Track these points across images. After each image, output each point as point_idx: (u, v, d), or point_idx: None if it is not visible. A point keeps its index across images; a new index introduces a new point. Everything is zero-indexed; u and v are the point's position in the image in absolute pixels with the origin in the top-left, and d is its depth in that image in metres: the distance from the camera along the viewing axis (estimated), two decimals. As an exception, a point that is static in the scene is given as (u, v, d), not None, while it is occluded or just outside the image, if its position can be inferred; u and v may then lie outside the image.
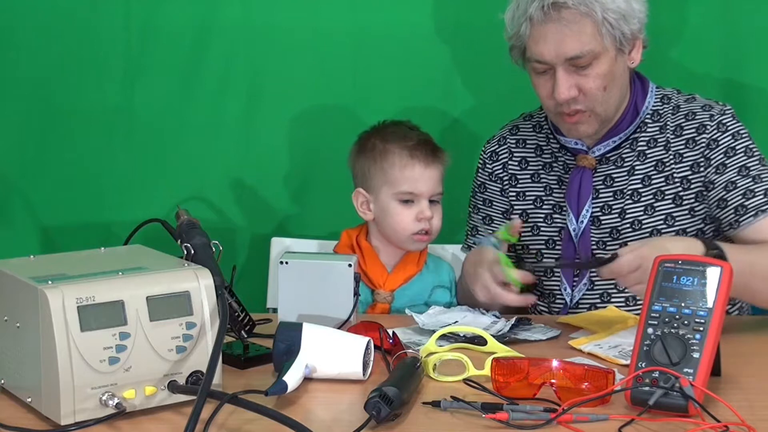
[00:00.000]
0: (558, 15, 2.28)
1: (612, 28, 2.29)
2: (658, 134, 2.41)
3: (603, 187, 2.43)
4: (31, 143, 2.95)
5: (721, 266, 1.78)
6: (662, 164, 2.40)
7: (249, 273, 2.90)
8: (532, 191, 2.51)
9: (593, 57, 2.29)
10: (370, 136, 2.52)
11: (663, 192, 2.39)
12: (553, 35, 2.29)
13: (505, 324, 2.16)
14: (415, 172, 2.45)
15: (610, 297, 2.43)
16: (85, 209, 2.96)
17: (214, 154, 2.96)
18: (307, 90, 2.95)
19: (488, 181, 2.57)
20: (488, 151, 2.58)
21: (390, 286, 2.47)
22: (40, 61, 2.91)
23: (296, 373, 1.78)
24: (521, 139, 2.55)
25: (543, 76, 2.35)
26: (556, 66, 2.30)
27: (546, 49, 2.30)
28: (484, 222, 2.58)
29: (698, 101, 2.44)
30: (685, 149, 2.39)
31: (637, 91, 2.43)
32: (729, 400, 1.70)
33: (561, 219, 2.46)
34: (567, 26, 2.28)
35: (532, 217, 2.51)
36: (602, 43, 2.29)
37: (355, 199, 2.51)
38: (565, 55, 2.29)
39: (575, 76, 2.31)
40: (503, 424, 1.66)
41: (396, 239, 2.48)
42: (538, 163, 2.52)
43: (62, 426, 1.63)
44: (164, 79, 2.93)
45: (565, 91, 2.30)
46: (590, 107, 2.34)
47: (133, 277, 1.72)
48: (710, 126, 2.38)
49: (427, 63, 2.93)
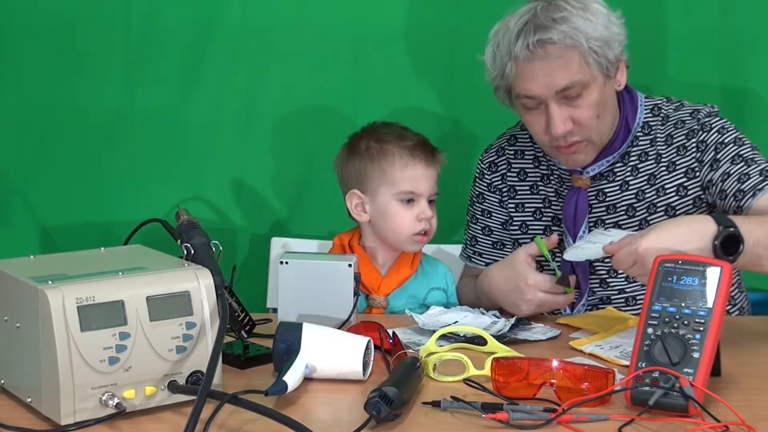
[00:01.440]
0: (544, 51, 2.25)
1: (597, 55, 2.27)
2: (649, 147, 2.40)
3: (596, 203, 2.43)
4: (30, 143, 2.95)
5: (721, 266, 1.78)
6: (654, 177, 2.39)
7: (249, 273, 2.90)
8: (531, 203, 2.51)
9: (583, 87, 2.28)
10: (361, 138, 2.51)
11: (655, 205, 2.39)
12: (541, 71, 2.27)
13: (505, 324, 2.16)
14: (417, 171, 2.44)
15: (610, 300, 2.43)
16: (85, 209, 2.96)
17: (214, 154, 2.96)
18: (306, 90, 2.95)
19: (486, 191, 2.56)
20: (486, 161, 2.57)
21: (384, 291, 2.46)
22: (40, 61, 2.91)
23: (296, 373, 1.78)
24: (519, 150, 2.54)
25: (534, 112, 2.33)
26: (547, 100, 2.28)
27: (535, 84, 2.28)
28: (483, 232, 2.57)
29: (686, 107, 2.43)
30: (678, 157, 2.38)
31: (626, 108, 2.41)
32: (729, 400, 1.70)
33: (559, 231, 2.45)
34: (554, 61, 2.26)
35: (531, 228, 2.50)
36: (590, 71, 2.28)
37: (348, 201, 2.49)
38: (556, 87, 2.27)
39: (568, 109, 2.29)
40: (503, 424, 1.66)
41: (395, 240, 2.47)
42: (537, 174, 2.51)
43: (62, 426, 1.63)
44: (164, 79, 2.93)
45: (560, 125, 2.29)
46: (586, 137, 2.33)
47: (133, 277, 1.72)
48: (696, 129, 2.38)
49: (427, 63, 2.94)
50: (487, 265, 2.52)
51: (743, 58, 2.89)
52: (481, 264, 2.57)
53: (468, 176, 2.64)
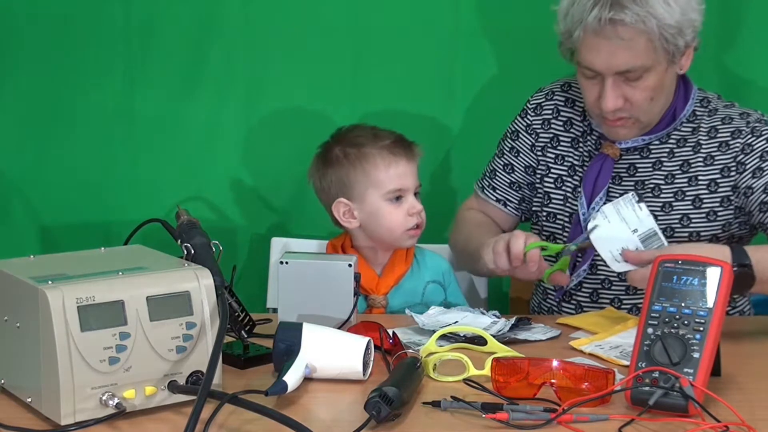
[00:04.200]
0: (614, 30, 2.22)
1: (666, 42, 2.24)
2: (690, 135, 2.39)
3: (626, 176, 2.41)
4: (31, 143, 2.95)
5: (721, 266, 1.78)
6: (688, 165, 2.38)
7: (249, 273, 2.90)
8: (570, 157, 2.48)
9: (644, 70, 2.26)
10: (334, 146, 2.48)
11: (684, 192, 2.38)
12: (605, 48, 2.24)
13: (505, 324, 2.16)
14: (400, 168, 2.44)
15: (611, 284, 2.42)
16: (85, 209, 2.96)
17: (214, 154, 2.96)
18: (306, 90, 2.95)
19: (523, 131, 2.53)
20: (533, 102, 2.54)
21: (382, 290, 2.47)
22: (40, 61, 2.91)
23: (296, 373, 1.78)
24: (570, 98, 2.51)
25: (591, 81, 2.31)
26: (605, 76, 2.27)
27: (597, 60, 2.26)
28: (505, 169, 2.55)
29: (736, 108, 2.42)
30: (718, 152, 2.37)
31: (679, 97, 2.40)
32: (729, 400, 1.70)
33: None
34: (621, 42, 2.23)
35: (565, 185, 2.47)
36: (655, 57, 2.26)
37: (335, 210, 2.48)
38: (617, 68, 2.26)
39: (624, 87, 2.28)
40: (503, 424, 1.66)
41: (390, 239, 2.47)
42: (580, 128, 2.48)
43: (62, 426, 1.63)
44: (164, 80, 2.93)
45: (612, 102, 2.28)
46: (635, 115, 2.32)
47: (133, 277, 1.72)
48: (745, 131, 2.36)
49: (427, 64, 2.93)
50: (497, 201, 2.54)
51: (742, 54, 2.89)
52: (491, 198, 2.56)
53: (466, 177, 2.64)
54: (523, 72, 2.85)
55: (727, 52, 2.89)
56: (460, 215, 2.61)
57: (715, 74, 2.88)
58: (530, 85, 2.60)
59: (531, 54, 2.83)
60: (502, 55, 2.92)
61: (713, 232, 2.37)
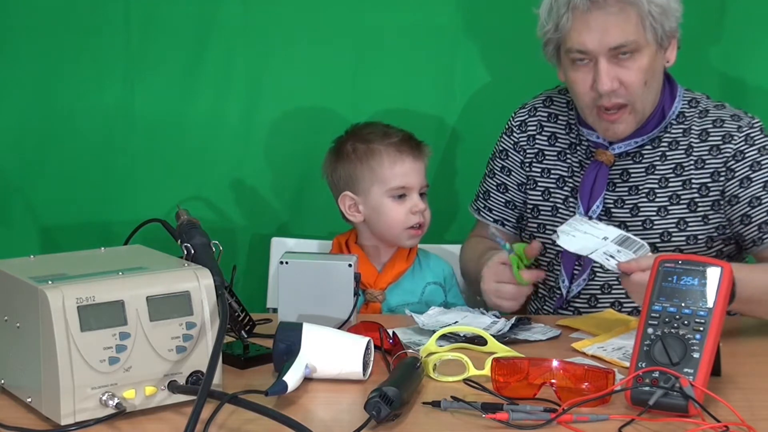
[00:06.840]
0: (604, 3, 2.26)
1: (654, 21, 2.28)
2: (681, 137, 2.39)
3: (619, 181, 2.41)
4: (31, 143, 2.95)
5: (721, 266, 1.78)
6: (681, 168, 2.38)
7: (249, 273, 2.90)
8: (557, 170, 2.49)
9: (635, 48, 2.27)
10: (346, 141, 2.53)
11: (679, 196, 2.37)
12: (597, 24, 2.26)
13: (505, 324, 2.16)
14: (405, 166, 2.47)
15: (611, 288, 2.42)
16: (85, 209, 2.96)
17: (214, 154, 2.96)
18: (306, 90, 2.95)
19: (511, 149, 2.54)
20: (517, 119, 2.55)
21: (380, 285, 2.48)
22: (40, 61, 2.91)
23: (296, 373, 1.78)
24: (553, 113, 2.52)
25: (582, 69, 2.32)
26: (597, 56, 2.28)
27: (589, 37, 2.27)
28: (498, 189, 2.56)
29: (727, 109, 2.41)
30: (708, 156, 2.37)
31: (665, 95, 2.40)
32: (729, 400, 1.70)
33: (574, 204, 2.44)
34: (612, 15, 2.26)
35: (553, 196, 2.48)
36: (645, 35, 2.28)
37: (342, 204, 2.52)
38: (609, 44, 2.27)
39: (617, 68, 2.29)
40: (503, 424, 1.66)
41: (391, 236, 2.49)
42: (566, 141, 2.49)
43: (62, 426, 1.63)
44: (164, 79, 2.93)
45: (607, 81, 2.28)
46: (631, 101, 2.32)
47: (133, 277, 1.72)
48: (737, 137, 2.35)
49: (427, 64, 2.93)
50: (495, 221, 2.55)
51: (742, 52, 2.89)
52: (489, 219, 2.57)
53: (467, 178, 2.64)
54: (524, 72, 2.85)
55: (722, 52, 2.89)
56: (465, 248, 2.61)
57: (716, 74, 2.88)
58: (530, 85, 2.61)
59: (531, 54, 2.81)
60: (503, 55, 2.92)
61: (709, 234, 2.38)
